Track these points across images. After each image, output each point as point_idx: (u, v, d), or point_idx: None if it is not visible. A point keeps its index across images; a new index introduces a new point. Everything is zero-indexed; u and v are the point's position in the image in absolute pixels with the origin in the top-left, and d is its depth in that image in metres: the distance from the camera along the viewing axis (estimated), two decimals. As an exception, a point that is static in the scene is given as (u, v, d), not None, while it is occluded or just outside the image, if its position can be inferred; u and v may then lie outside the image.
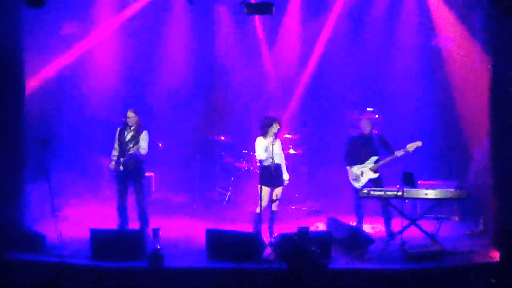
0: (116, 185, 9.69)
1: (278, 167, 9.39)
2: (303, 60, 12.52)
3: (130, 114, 9.63)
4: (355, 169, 9.92)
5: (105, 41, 11.99)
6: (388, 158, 9.78)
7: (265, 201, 9.32)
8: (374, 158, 9.86)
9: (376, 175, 9.82)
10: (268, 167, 9.33)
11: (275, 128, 9.34)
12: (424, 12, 11.70)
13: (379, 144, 9.92)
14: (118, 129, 9.71)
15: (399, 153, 9.67)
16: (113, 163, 9.56)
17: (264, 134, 9.41)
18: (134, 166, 9.54)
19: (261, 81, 12.64)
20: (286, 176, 9.55)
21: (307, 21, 12.39)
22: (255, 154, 9.55)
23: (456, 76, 11.47)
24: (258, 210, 9.32)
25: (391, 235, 9.46)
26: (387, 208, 9.65)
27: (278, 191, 9.42)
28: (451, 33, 11.46)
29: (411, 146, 9.59)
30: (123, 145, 9.59)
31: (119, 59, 12.20)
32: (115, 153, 9.64)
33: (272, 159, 9.28)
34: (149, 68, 12.44)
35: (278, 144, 9.50)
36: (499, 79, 9.05)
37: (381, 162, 9.83)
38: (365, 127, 9.96)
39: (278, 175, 9.41)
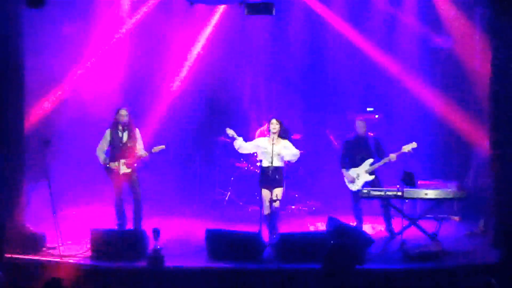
0: (113, 185, 9.69)
1: (277, 169, 9.32)
2: (302, 60, 12.52)
3: (124, 112, 9.61)
4: (351, 172, 9.91)
5: (105, 42, 11.99)
6: (383, 161, 9.75)
7: (265, 203, 9.29)
8: (370, 161, 9.84)
9: (371, 178, 9.79)
10: (266, 168, 9.29)
11: (271, 127, 9.31)
12: (426, 10, 11.69)
13: (375, 147, 9.90)
14: (108, 130, 9.68)
15: (393, 155, 9.64)
16: (116, 163, 9.55)
17: (268, 134, 9.41)
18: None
19: (261, 81, 12.64)
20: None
21: (307, 20, 12.38)
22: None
23: (457, 75, 11.47)
24: (264, 212, 9.30)
25: (391, 235, 9.47)
26: (387, 208, 9.65)
27: (277, 191, 9.31)
28: (452, 31, 11.45)
29: (406, 148, 9.57)
30: (119, 145, 9.57)
31: (119, 59, 12.18)
32: (102, 155, 9.62)
33: (271, 160, 9.23)
34: (149, 68, 12.42)
35: (282, 145, 9.40)
36: (499, 78, 9.05)
37: (376, 165, 9.81)
38: (360, 128, 9.94)
39: (276, 177, 9.28)
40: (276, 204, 9.24)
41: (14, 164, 9.35)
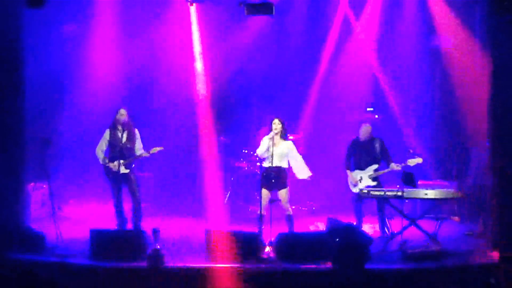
0: (112, 185, 9.69)
1: (278, 169, 9.27)
2: (303, 61, 12.51)
3: (124, 112, 9.62)
4: (355, 174, 9.92)
5: (105, 41, 11.99)
6: (387, 170, 9.82)
7: (263, 203, 9.26)
8: (375, 166, 9.85)
9: (374, 183, 9.79)
10: (266, 169, 9.28)
11: (273, 127, 9.27)
12: (424, 12, 11.69)
13: (380, 150, 9.89)
14: (108, 130, 9.68)
15: (397, 166, 9.65)
16: (115, 163, 9.55)
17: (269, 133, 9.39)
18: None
19: (261, 81, 12.63)
20: (306, 173, 9.46)
21: (308, 21, 12.38)
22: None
23: (456, 76, 11.47)
24: (258, 212, 9.27)
25: (391, 235, 9.46)
26: (383, 208, 9.68)
27: (281, 192, 9.31)
28: (451, 33, 11.46)
29: (411, 162, 9.58)
30: (118, 145, 9.55)
31: (119, 59, 12.18)
32: (101, 154, 9.61)
33: (271, 160, 9.21)
34: (149, 68, 12.42)
35: (284, 146, 9.35)
36: (499, 79, 9.05)
37: (380, 172, 9.84)
38: (363, 134, 9.94)
39: (277, 178, 9.25)
40: (286, 206, 9.27)
41: (14, 164, 9.35)
